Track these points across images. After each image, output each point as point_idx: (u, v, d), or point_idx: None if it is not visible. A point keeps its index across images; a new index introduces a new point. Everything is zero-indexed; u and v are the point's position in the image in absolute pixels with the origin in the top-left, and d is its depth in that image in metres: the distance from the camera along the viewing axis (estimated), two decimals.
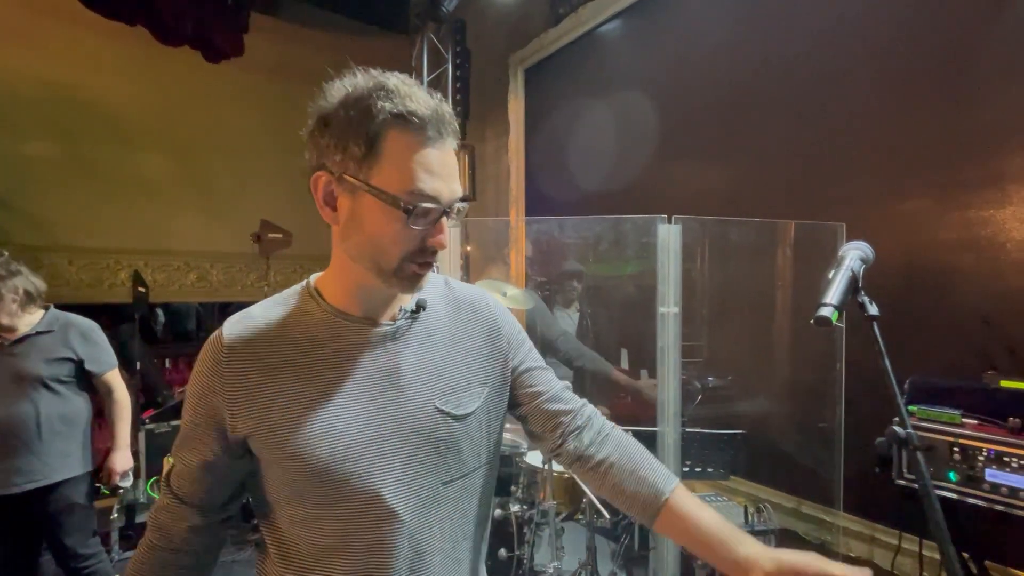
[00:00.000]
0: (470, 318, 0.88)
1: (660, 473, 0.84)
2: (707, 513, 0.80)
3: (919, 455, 0.82)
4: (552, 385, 0.92)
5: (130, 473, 2.29)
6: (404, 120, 0.69)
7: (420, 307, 0.82)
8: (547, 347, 3.49)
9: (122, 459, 2.23)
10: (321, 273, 0.83)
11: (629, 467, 0.85)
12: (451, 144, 0.74)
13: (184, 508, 0.80)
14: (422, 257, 0.74)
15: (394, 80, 0.71)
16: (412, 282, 0.75)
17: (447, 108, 0.73)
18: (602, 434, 0.90)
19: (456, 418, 0.80)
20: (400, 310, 0.81)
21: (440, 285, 0.89)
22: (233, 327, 0.77)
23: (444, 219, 0.73)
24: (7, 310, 1.98)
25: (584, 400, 0.94)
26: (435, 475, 0.78)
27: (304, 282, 0.83)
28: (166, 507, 0.80)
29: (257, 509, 0.83)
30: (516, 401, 0.91)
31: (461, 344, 0.85)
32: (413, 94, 0.70)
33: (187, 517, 0.80)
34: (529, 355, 0.92)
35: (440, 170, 0.72)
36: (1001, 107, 1.72)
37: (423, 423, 0.78)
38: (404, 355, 0.80)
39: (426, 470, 0.78)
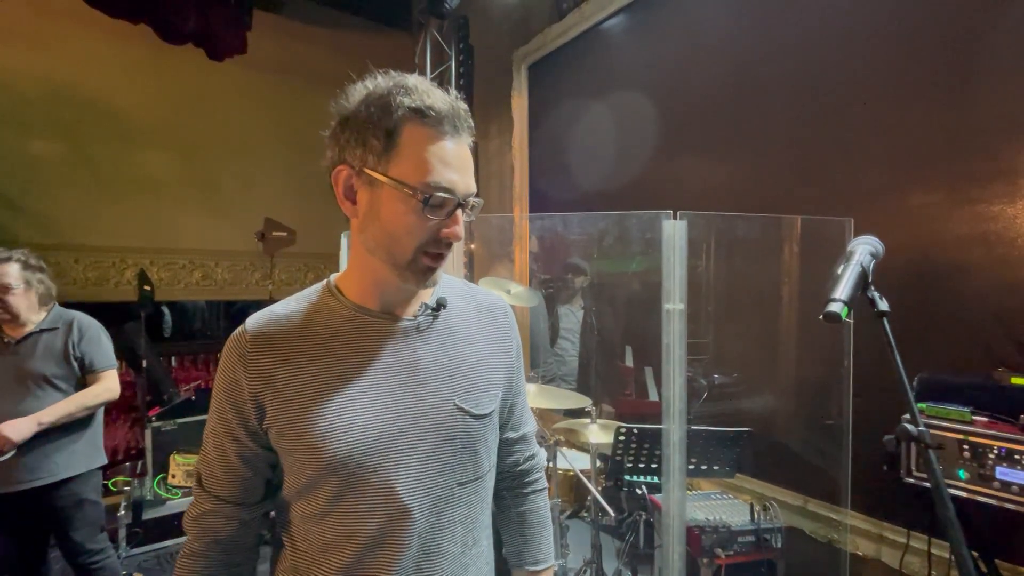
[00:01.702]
0: (489, 322, 0.89)
1: (546, 549, 1.00)
2: None
3: (930, 453, 0.81)
4: (529, 425, 1.00)
5: (12, 452, 1.88)
6: (422, 113, 0.71)
7: (441, 305, 0.83)
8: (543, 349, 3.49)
9: (20, 426, 1.88)
10: (340, 273, 0.84)
11: (536, 528, 1.00)
12: (467, 140, 0.76)
13: (229, 507, 0.80)
14: (436, 248, 0.75)
15: (413, 79, 0.74)
16: (425, 276, 0.76)
17: (463, 106, 0.75)
18: (538, 486, 1.02)
19: (475, 417, 0.81)
20: (422, 306, 0.82)
21: (459, 286, 0.90)
22: (256, 322, 0.79)
23: (459, 212, 0.74)
24: (29, 301, 2.01)
25: (542, 449, 1.06)
26: (451, 475, 0.79)
27: (324, 280, 0.84)
28: (209, 511, 0.80)
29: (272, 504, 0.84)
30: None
31: (480, 345, 0.86)
32: (431, 91, 0.73)
33: (234, 514, 0.80)
34: (521, 381, 0.96)
35: (456, 163, 0.73)
36: (1011, 100, 1.69)
37: (442, 420, 0.78)
38: (424, 351, 0.80)
39: (443, 469, 0.78)
